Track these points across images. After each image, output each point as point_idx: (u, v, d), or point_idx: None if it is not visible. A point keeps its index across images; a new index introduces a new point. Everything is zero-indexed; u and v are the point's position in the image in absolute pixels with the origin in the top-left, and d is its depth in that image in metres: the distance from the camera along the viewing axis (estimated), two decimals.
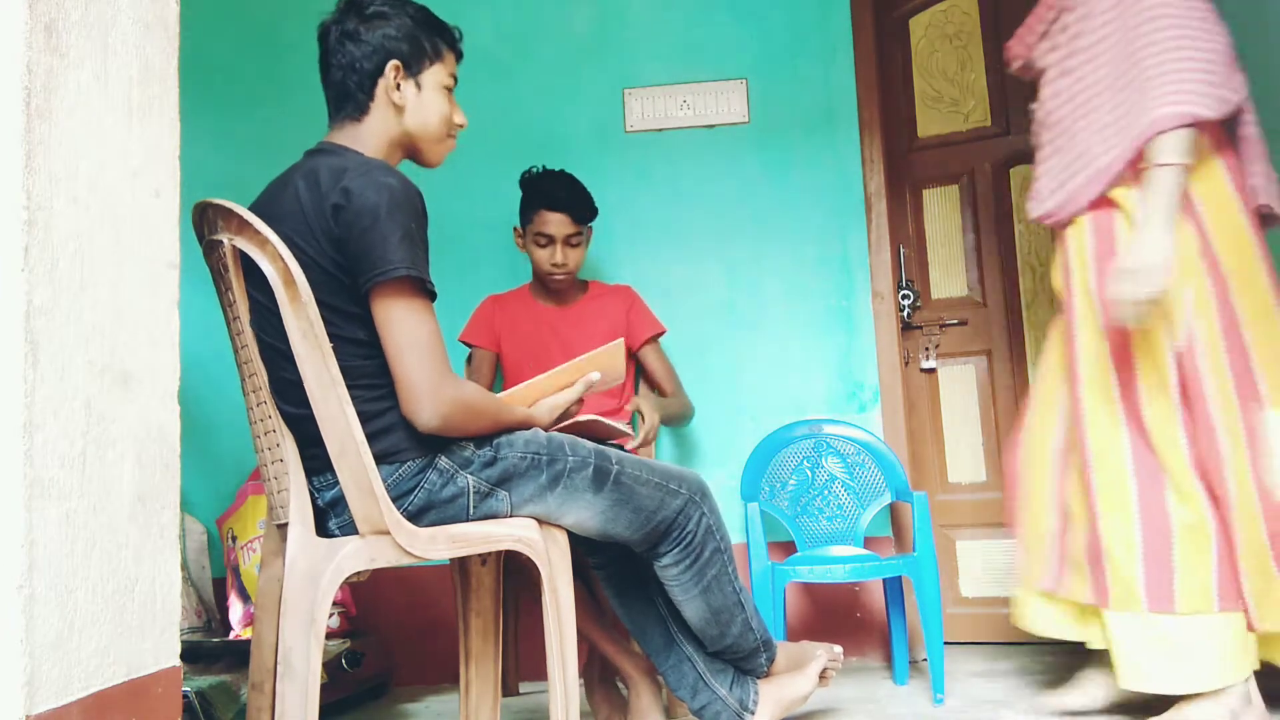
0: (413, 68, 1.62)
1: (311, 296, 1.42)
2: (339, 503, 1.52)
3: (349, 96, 1.61)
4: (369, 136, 1.61)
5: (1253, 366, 1.84)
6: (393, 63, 1.59)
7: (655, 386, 2.63)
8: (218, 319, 1.61)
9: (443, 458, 1.53)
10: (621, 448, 1.77)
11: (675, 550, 1.69)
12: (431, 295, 1.49)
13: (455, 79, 1.69)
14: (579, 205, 2.46)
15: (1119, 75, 1.86)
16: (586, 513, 1.61)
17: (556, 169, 2.49)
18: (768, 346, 2.86)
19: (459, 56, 1.71)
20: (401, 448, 1.51)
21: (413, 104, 1.62)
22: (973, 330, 2.96)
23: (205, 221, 1.54)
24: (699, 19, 2.96)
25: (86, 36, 1.04)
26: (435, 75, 1.64)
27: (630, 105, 2.97)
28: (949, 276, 2.99)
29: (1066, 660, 2.58)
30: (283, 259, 1.42)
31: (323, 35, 1.64)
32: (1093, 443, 1.91)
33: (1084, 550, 1.94)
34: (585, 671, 2.23)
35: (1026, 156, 2.98)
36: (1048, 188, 1.98)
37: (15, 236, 0.92)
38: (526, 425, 1.62)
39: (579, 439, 1.66)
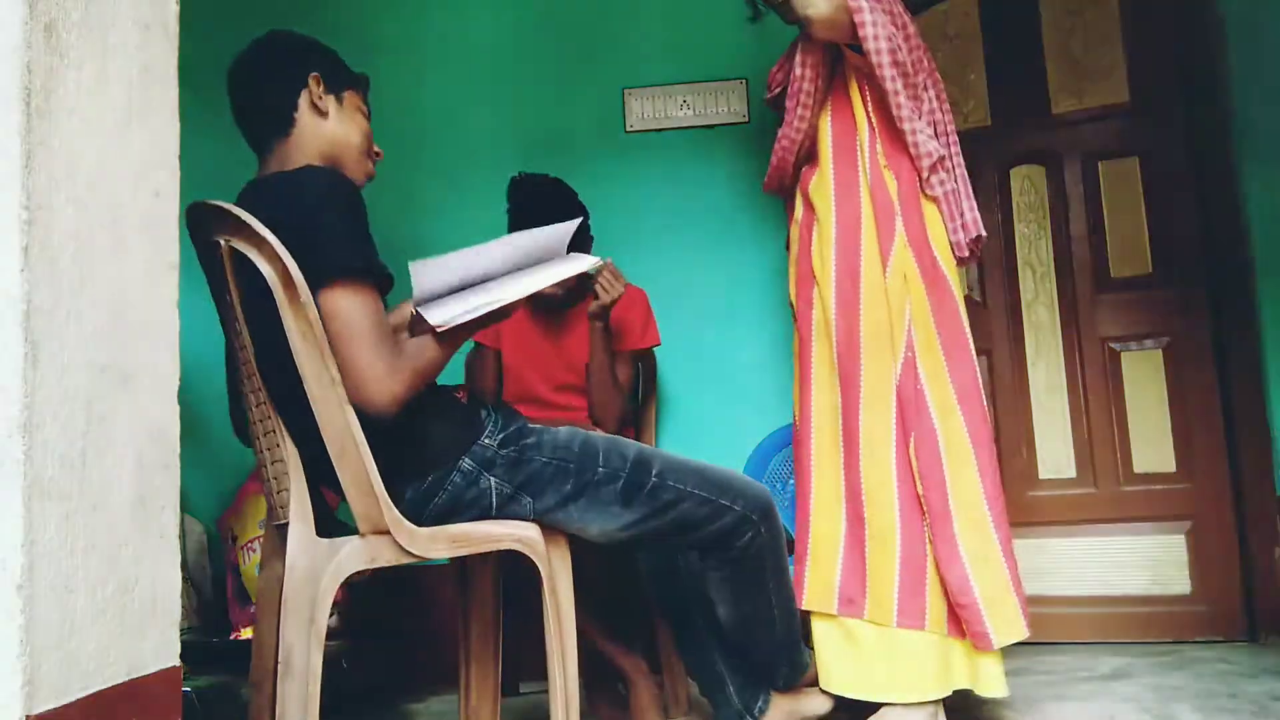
0: (331, 85, 1.64)
1: (310, 297, 1.42)
2: None
3: (273, 116, 1.61)
4: (296, 150, 1.61)
5: (977, 375, 1.95)
6: (314, 74, 1.62)
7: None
8: (218, 319, 1.60)
9: (466, 459, 1.53)
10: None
11: (718, 558, 1.69)
12: (379, 278, 1.47)
13: (368, 115, 1.71)
14: (579, 237, 2.32)
15: None
16: (614, 524, 1.59)
17: (545, 179, 2.35)
18: (768, 346, 2.86)
19: (366, 92, 1.73)
20: (425, 461, 1.52)
21: (334, 115, 1.64)
22: (973, 330, 2.94)
23: (201, 222, 1.54)
24: (699, 19, 2.96)
25: (86, 36, 1.04)
26: (353, 99, 1.68)
27: (630, 105, 2.97)
28: None
29: (1066, 660, 2.58)
30: (281, 259, 1.41)
31: (231, 75, 1.66)
32: (814, 456, 1.99)
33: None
34: (585, 672, 2.23)
35: (1027, 156, 2.99)
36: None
37: (15, 236, 0.92)
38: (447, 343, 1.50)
39: (620, 443, 1.61)
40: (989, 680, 1.85)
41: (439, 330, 1.46)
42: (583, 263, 1.59)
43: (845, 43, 1.95)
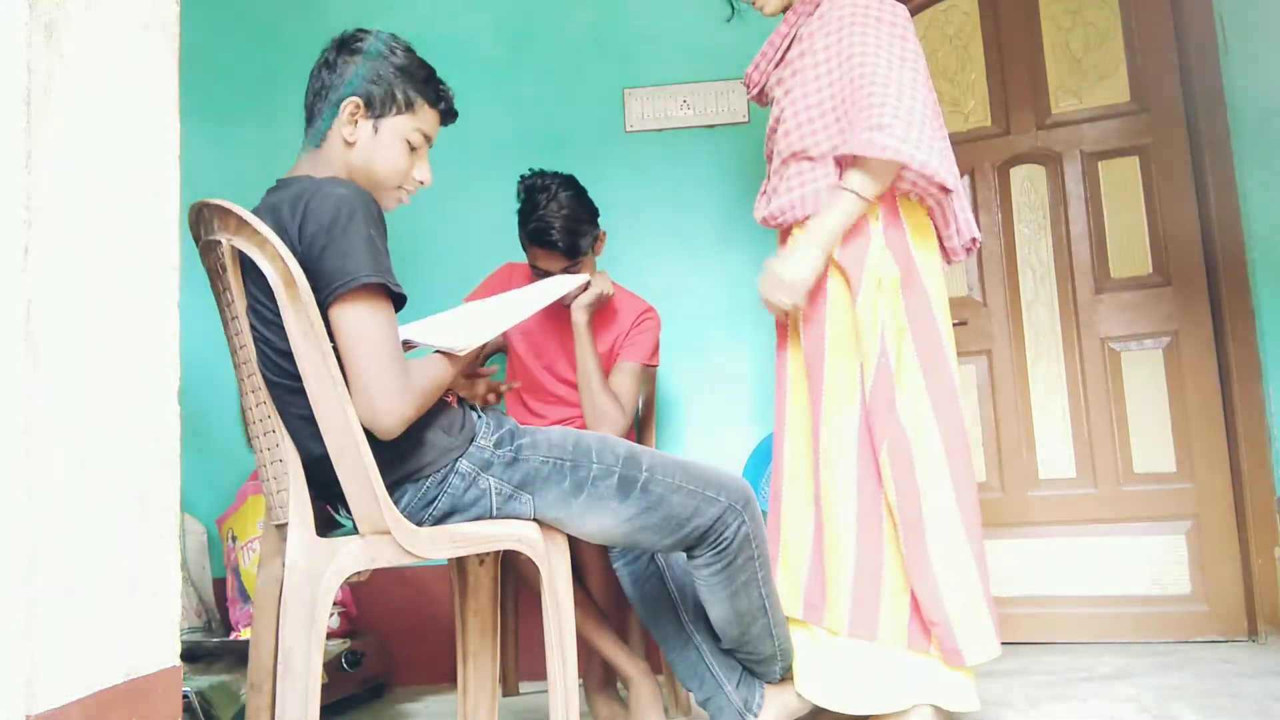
0: (375, 109, 1.60)
1: (312, 297, 1.42)
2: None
3: (313, 122, 1.62)
4: (324, 165, 1.60)
5: (953, 382, 1.90)
6: (353, 99, 1.58)
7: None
8: (218, 319, 1.61)
9: (463, 461, 1.53)
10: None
11: (709, 554, 1.68)
12: (396, 297, 1.47)
13: (429, 138, 1.66)
14: (571, 242, 2.26)
15: (837, 101, 1.93)
16: (611, 520, 1.59)
17: (557, 177, 2.33)
18: (768, 347, 2.86)
19: (445, 117, 1.69)
20: (423, 464, 1.52)
21: (364, 143, 1.59)
22: (973, 330, 2.96)
23: (202, 222, 1.54)
24: (699, 19, 2.96)
25: (86, 36, 1.04)
26: (399, 124, 1.61)
27: (630, 105, 2.97)
28: (950, 276, 2.98)
29: (1066, 660, 2.59)
30: (283, 259, 1.42)
31: (317, 62, 1.66)
32: (788, 458, 1.99)
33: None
34: (585, 673, 2.23)
35: (1027, 157, 2.99)
36: (773, 189, 2.07)
37: (15, 236, 0.92)
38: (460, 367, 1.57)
39: (610, 440, 1.63)
40: (959, 695, 1.81)
41: (456, 354, 1.52)
42: (570, 283, 1.76)
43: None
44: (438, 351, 1.55)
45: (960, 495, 1.84)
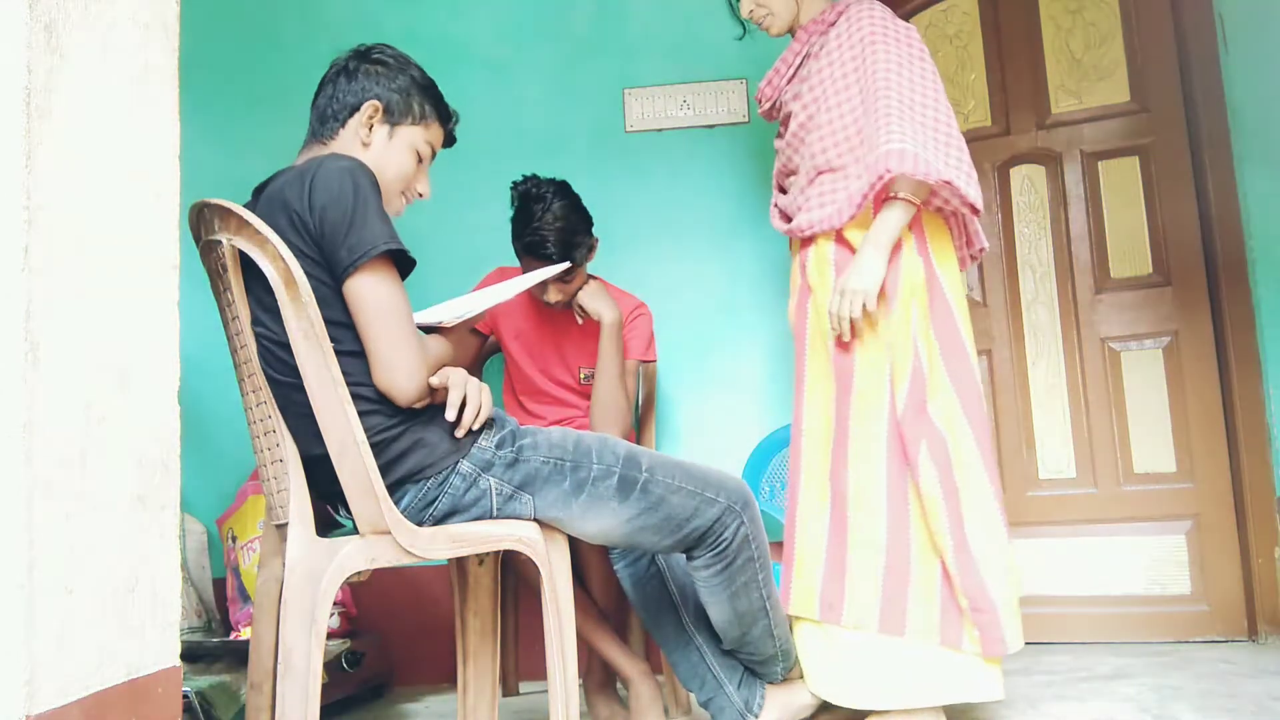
0: (393, 117, 1.64)
1: (312, 296, 1.42)
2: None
3: (324, 121, 1.64)
4: None
5: (978, 381, 1.95)
6: (372, 103, 1.62)
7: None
8: (218, 319, 1.61)
9: (464, 462, 1.54)
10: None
11: (708, 555, 1.68)
12: (407, 262, 1.51)
13: (434, 153, 1.71)
14: (567, 254, 2.21)
15: (859, 114, 1.96)
16: (611, 521, 1.59)
17: (552, 184, 2.29)
18: (768, 346, 2.86)
19: (448, 137, 1.74)
20: (424, 465, 1.52)
21: (378, 147, 1.63)
22: (973, 330, 2.95)
23: (202, 221, 1.54)
24: (699, 19, 2.96)
25: (86, 36, 1.04)
26: (411, 135, 1.66)
27: (630, 105, 2.97)
28: None
29: (1066, 660, 2.58)
30: (283, 259, 1.42)
31: (329, 68, 1.68)
32: (805, 460, 2.01)
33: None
34: (585, 673, 2.23)
35: (1027, 157, 2.99)
36: (796, 203, 2.09)
37: (15, 236, 0.92)
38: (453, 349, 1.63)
39: (610, 441, 1.64)
40: (985, 686, 1.84)
41: (448, 327, 1.58)
42: (552, 269, 1.84)
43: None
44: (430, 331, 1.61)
45: (996, 492, 1.89)
